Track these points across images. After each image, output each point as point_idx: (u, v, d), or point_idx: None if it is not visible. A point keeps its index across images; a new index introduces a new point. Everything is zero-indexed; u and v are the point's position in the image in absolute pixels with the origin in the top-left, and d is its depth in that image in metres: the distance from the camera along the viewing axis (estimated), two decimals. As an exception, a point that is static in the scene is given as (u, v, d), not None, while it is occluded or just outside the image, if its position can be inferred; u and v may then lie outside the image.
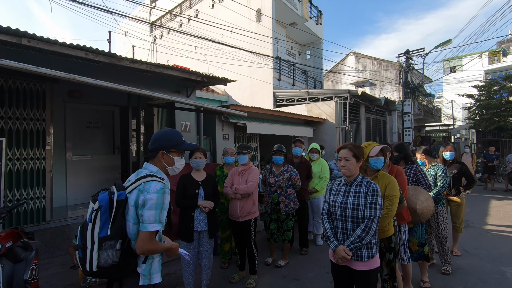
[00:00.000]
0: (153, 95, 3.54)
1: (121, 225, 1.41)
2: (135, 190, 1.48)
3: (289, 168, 3.78)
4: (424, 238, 3.10)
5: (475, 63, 19.04)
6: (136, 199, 1.46)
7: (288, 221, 3.74)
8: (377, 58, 19.77)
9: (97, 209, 1.40)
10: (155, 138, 1.64)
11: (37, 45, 3.57)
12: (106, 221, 1.39)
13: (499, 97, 13.56)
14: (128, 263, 1.44)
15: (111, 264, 1.37)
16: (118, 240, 1.39)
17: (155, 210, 1.43)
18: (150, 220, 1.41)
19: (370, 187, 1.99)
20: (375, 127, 11.69)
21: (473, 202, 7.75)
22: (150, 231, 1.41)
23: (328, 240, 2.08)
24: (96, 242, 1.36)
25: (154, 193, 1.44)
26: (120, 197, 1.44)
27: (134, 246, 1.46)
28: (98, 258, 1.36)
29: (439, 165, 3.57)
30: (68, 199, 5.70)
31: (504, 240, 4.70)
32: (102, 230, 1.38)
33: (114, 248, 1.38)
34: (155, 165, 1.61)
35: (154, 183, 1.48)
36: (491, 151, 10.39)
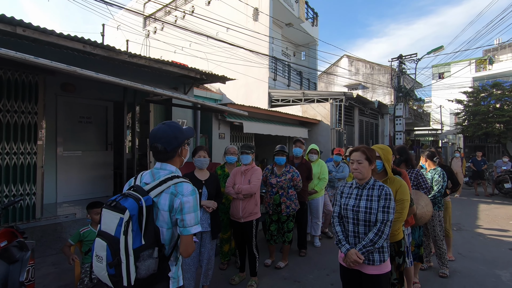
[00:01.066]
0: (155, 91, 3.44)
1: (154, 232, 1.34)
2: (164, 194, 1.41)
3: (291, 168, 3.75)
4: (421, 239, 3.15)
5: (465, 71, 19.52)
6: (170, 204, 1.39)
7: (289, 222, 3.71)
8: (369, 62, 20.03)
9: (128, 219, 1.27)
10: (174, 137, 1.49)
11: (32, 35, 3.41)
12: (137, 231, 1.29)
13: (487, 103, 13.94)
14: (164, 269, 1.39)
15: (151, 274, 1.31)
16: (154, 248, 1.32)
17: (194, 213, 1.40)
18: (192, 223, 1.38)
19: (383, 191, 1.97)
20: (367, 129, 11.83)
21: (463, 206, 7.93)
22: (192, 234, 1.39)
23: (339, 243, 2.05)
24: (131, 255, 1.26)
25: (189, 195, 1.40)
26: (148, 202, 1.34)
27: (167, 252, 1.41)
28: (136, 270, 1.26)
29: (438, 169, 3.61)
30: (58, 196, 5.51)
31: (496, 243, 4.81)
32: (135, 241, 1.28)
33: (153, 257, 1.31)
34: (173, 164, 1.53)
35: (185, 184, 1.43)
36: (478, 157, 10.66)
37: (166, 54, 14.52)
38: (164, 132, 1.48)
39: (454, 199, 8.96)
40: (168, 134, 1.48)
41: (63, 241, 3.97)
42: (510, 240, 4.98)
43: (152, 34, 16.41)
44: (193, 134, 1.67)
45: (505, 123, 12.96)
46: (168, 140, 1.48)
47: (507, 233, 5.38)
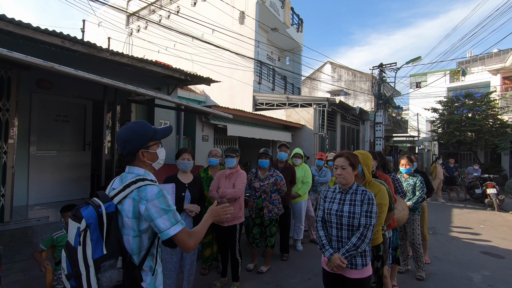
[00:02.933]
0: (137, 90, 3.34)
1: (117, 241, 1.24)
2: (127, 200, 1.31)
3: (274, 172, 3.74)
4: (397, 242, 3.23)
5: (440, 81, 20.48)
6: (134, 210, 1.30)
7: (272, 227, 3.70)
8: (352, 69, 20.57)
9: (85, 229, 1.19)
10: (125, 140, 1.39)
11: (6, 28, 3.22)
12: (98, 239, 1.20)
13: (460, 113, 14.66)
14: (133, 280, 1.27)
15: (115, 286, 1.22)
16: (117, 257, 1.23)
17: (166, 215, 1.30)
18: (167, 225, 1.29)
19: (366, 196, 2.00)
20: (349, 135, 12.09)
21: (437, 210, 8.26)
22: (174, 234, 1.29)
23: (322, 248, 2.06)
24: (91, 266, 1.17)
25: (154, 199, 1.30)
26: (109, 209, 1.25)
27: (137, 260, 1.31)
28: (97, 282, 1.17)
29: (418, 176, 3.73)
30: (30, 198, 5.21)
31: (468, 246, 5.03)
32: (95, 250, 1.19)
33: (116, 267, 1.22)
34: (140, 167, 1.43)
35: (149, 187, 1.32)
36: (450, 163, 11.16)
37: (150, 53, 14.23)
38: (119, 135, 1.41)
39: (429, 203, 9.32)
40: (121, 137, 1.40)
41: (34, 246, 3.75)
42: (481, 243, 5.23)
43: (136, 33, 16.05)
44: (166, 134, 1.52)
45: (476, 131, 13.68)
46: (121, 143, 1.40)
47: (478, 237, 5.64)
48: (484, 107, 14.06)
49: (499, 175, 13.79)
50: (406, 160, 3.74)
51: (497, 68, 16.78)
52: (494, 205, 8.38)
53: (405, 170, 3.74)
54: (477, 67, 22.16)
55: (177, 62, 12.53)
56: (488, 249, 4.90)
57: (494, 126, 13.90)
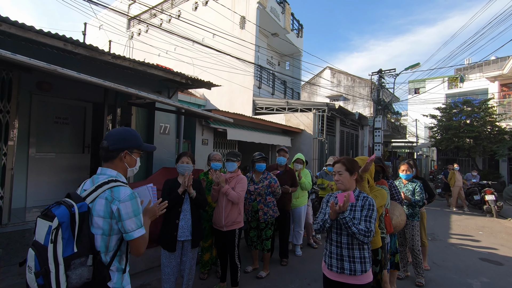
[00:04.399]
0: (139, 94, 3.35)
1: (88, 239, 1.29)
2: (99, 199, 1.36)
3: (268, 175, 3.78)
4: (395, 247, 3.23)
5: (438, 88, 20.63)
6: (106, 210, 1.34)
7: (267, 230, 3.71)
8: (351, 74, 20.70)
9: (57, 227, 1.22)
10: (121, 137, 1.49)
11: (8, 30, 3.23)
12: (69, 238, 1.24)
13: (458, 119, 14.73)
14: (102, 278, 1.32)
15: (84, 283, 1.25)
16: (88, 255, 1.27)
17: (135, 217, 1.37)
18: (133, 227, 1.36)
19: (367, 202, 2.01)
20: (348, 140, 12.13)
21: (436, 216, 8.26)
22: (137, 237, 1.37)
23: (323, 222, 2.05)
24: (61, 263, 1.20)
25: (127, 201, 1.36)
26: (82, 209, 1.29)
27: (105, 259, 1.35)
28: (67, 279, 1.21)
29: (417, 182, 3.74)
30: (28, 200, 5.18)
31: (467, 252, 5.03)
32: (66, 249, 1.22)
33: (86, 265, 1.26)
34: (113, 169, 1.48)
35: (122, 188, 1.39)
36: (449, 169, 11.18)
37: (150, 57, 14.29)
38: (116, 132, 1.52)
39: (428, 210, 9.33)
40: (118, 134, 1.51)
41: (32, 249, 3.72)
42: (480, 250, 5.23)
43: (136, 36, 16.13)
44: (151, 149, 1.69)
45: (474, 138, 13.73)
46: (114, 138, 1.48)
47: (477, 243, 5.64)
48: (482, 113, 14.14)
49: (497, 181, 13.83)
50: (406, 166, 3.75)
51: (495, 75, 16.92)
52: (492, 212, 8.39)
53: (405, 176, 3.75)
54: (475, 74, 22.37)
55: (178, 66, 12.58)
56: (487, 255, 4.90)
57: (492, 133, 13.96)
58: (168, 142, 5.95)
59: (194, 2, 13.72)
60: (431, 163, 23.43)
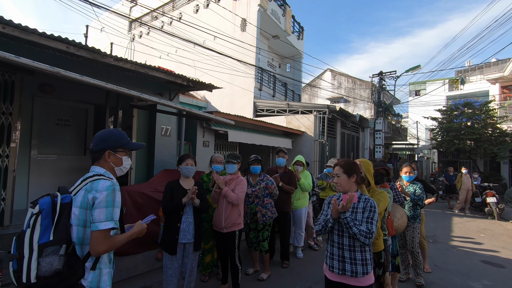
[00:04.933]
0: (141, 96, 3.37)
1: (65, 229, 1.29)
2: (81, 191, 1.39)
3: (265, 177, 3.80)
4: (396, 249, 3.23)
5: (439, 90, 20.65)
6: (83, 200, 1.37)
7: (264, 231, 3.72)
8: (351, 76, 20.72)
9: (37, 213, 1.26)
10: (100, 138, 1.55)
11: (12, 33, 3.26)
12: (48, 226, 1.26)
13: (459, 121, 14.72)
14: (73, 271, 1.29)
15: (54, 272, 1.22)
16: (62, 245, 1.26)
17: (106, 208, 1.35)
18: (101, 218, 1.33)
19: (368, 203, 2.01)
20: (349, 142, 12.12)
21: (437, 219, 8.23)
22: (102, 229, 1.32)
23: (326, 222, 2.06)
24: (35, 250, 1.21)
25: (103, 191, 1.37)
26: (65, 200, 1.33)
27: (80, 252, 1.35)
28: (37, 266, 1.20)
29: (418, 184, 3.75)
30: (29, 202, 5.19)
31: (468, 255, 5.02)
32: (43, 236, 1.24)
33: (58, 254, 1.24)
34: (101, 167, 1.53)
35: (102, 181, 1.41)
36: (450, 172, 11.18)
37: (151, 59, 14.34)
38: (98, 134, 1.57)
39: (430, 212, 9.32)
40: (99, 135, 1.57)
41: (33, 251, 3.73)
42: (481, 252, 5.21)
43: (137, 38, 16.20)
44: (137, 147, 1.70)
45: (475, 140, 13.71)
46: (96, 140, 1.55)
47: (479, 246, 5.63)
48: (483, 116, 14.13)
49: (499, 183, 13.81)
50: (409, 168, 3.78)
51: (496, 77, 16.92)
52: (494, 214, 8.37)
53: (408, 177, 3.76)
54: (475, 76, 22.37)
55: (179, 68, 12.62)
56: (488, 258, 4.88)
57: (493, 135, 13.95)
58: (169, 144, 5.97)
59: (195, 5, 13.80)
60: (432, 165, 23.38)
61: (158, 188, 4.21)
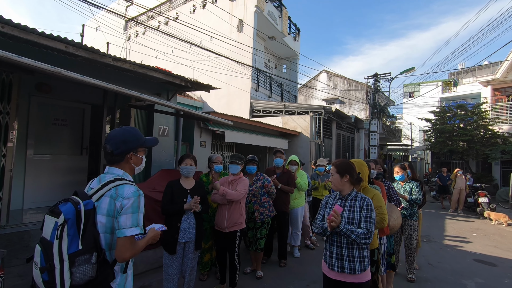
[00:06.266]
0: (141, 96, 3.39)
1: (93, 237, 1.28)
2: (105, 198, 1.37)
3: (261, 176, 3.85)
4: (392, 248, 3.32)
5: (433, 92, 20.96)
6: (109, 208, 1.35)
7: (262, 229, 3.77)
8: (347, 78, 20.91)
9: (63, 223, 1.22)
10: (121, 140, 1.47)
11: (11, 32, 3.26)
12: (74, 235, 1.24)
13: (452, 123, 14.96)
14: (105, 276, 1.32)
15: (88, 280, 1.25)
16: (92, 253, 1.26)
17: (132, 214, 1.35)
18: (127, 224, 1.33)
19: (365, 202, 2.06)
20: (344, 143, 12.25)
21: (431, 219, 8.37)
22: (129, 236, 1.33)
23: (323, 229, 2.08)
24: (66, 260, 1.20)
25: (130, 197, 1.36)
26: (88, 206, 1.30)
27: (110, 257, 1.36)
28: (71, 276, 1.21)
29: (414, 182, 3.85)
30: (25, 202, 5.16)
31: (462, 254, 5.13)
32: (71, 245, 1.22)
33: (90, 262, 1.25)
34: (120, 168, 1.49)
35: (127, 186, 1.39)
36: (443, 172, 11.36)
37: (147, 58, 14.29)
38: (115, 135, 1.48)
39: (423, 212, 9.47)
40: (117, 137, 1.47)
41: (31, 251, 3.71)
42: (474, 251, 5.33)
43: (134, 38, 16.12)
44: (154, 144, 1.63)
45: (468, 141, 13.95)
46: (116, 142, 1.46)
47: (471, 245, 5.75)
48: (475, 117, 14.38)
49: (490, 184, 14.05)
50: (398, 168, 3.89)
51: (488, 80, 17.23)
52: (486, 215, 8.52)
53: (399, 177, 3.86)
54: (468, 78, 22.74)
55: (175, 68, 12.61)
56: (481, 257, 5.00)
57: (485, 137, 14.20)
58: (167, 144, 5.98)
59: (192, 5, 13.80)
60: (426, 166, 23.69)
61: (156, 188, 4.22)
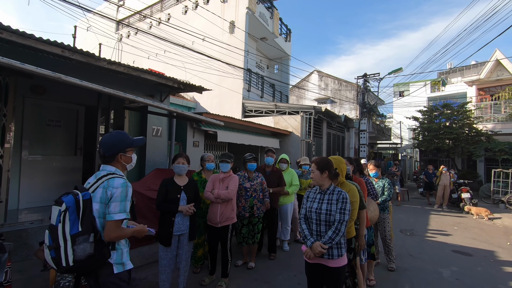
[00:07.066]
0: (136, 99, 3.56)
1: (90, 221, 1.57)
2: (99, 189, 1.67)
3: (259, 174, 4.14)
4: (371, 239, 3.57)
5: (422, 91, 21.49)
6: (102, 196, 1.65)
7: (259, 224, 4.02)
8: (338, 78, 21.26)
9: (65, 210, 1.52)
10: (110, 144, 1.78)
11: (9, 38, 3.39)
12: (75, 220, 1.53)
13: (438, 121, 15.42)
14: (102, 254, 1.61)
15: (87, 256, 1.54)
16: (90, 234, 1.56)
17: (120, 202, 1.64)
18: (115, 210, 1.62)
19: (341, 195, 2.30)
20: (335, 142, 12.54)
21: (416, 214, 8.71)
22: (116, 220, 1.62)
23: (305, 238, 2.33)
24: (69, 240, 1.50)
25: (118, 187, 1.66)
26: (85, 197, 1.59)
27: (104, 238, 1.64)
28: (73, 253, 1.50)
29: (386, 179, 4.15)
30: (20, 202, 5.26)
31: (441, 246, 5.44)
32: (72, 228, 1.51)
33: (88, 241, 1.54)
34: (113, 166, 1.79)
35: (117, 179, 1.69)
36: (429, 169, 11.76)
37: (139, 59, 14.35)
38: (105, 140, 1.80)
39: (410, 208, 9.83)
40: (107, 142, 1.79)
41: (29, 248, 3.86)
42: (453, 243, 5.64)
43: (125, 38, 16.13)
44: (140, 143, 1.92)
45: (453, 139, 14.42)
46: (106, 147, 1.78)
47: (451, 238, 6.07)
48: (461, 116, 14.85)
49: (475, 180, 14.54)
50: (373, 165, 4.18)
51: (473, 80, 17.78)
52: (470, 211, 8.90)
53: (373, 173, 4.16)
54: (456, 78, 23.38)
55: (167, 69, 12.72)
56: (459, 248, 5.31)
57: (469, 135, 14.68)
58: (160, 144, 6.14)
59: (183, 6, 13.90)
60: (415, 164, 24.26)
61: (151, 186, 4.39)
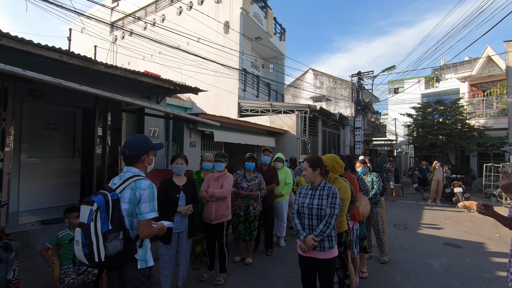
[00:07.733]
0: (134, 102, 3.66)
1: (119, 220, 1.70)
2: (126, 190, 1.79)
3: (258, 174, 4.20)
4: (364, 233, 3.72)
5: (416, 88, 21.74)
6: (131, 197, 1.78)
7: (255, 222, 4.14)
8: (333, 76, 21.45)
9: (96, 209, 1.64)
10: (137, 145, 1.90)
11: (8, 44, 3.48)
12: (105, 218, 1.65)
13: (432, 118, 15.66)
14: (130, 250, 1.74)
15: (118, 252, 1.67)
16: (119, 231, 1.69)
17: (149, 202, 1.77)
18: (147, 210, 1.76)
19: (331, 190, 2.43)
20: (330, 139, 12.71)
21: (411, 209, 8.91)
22: (148, 219, 1.76)
23: (298, 233, 2.47)
24: (100, 237, 1.62)
25: (146, 188, 1.78)
26: (114, 197, 1.71)
27: (132, 235, 1.77)
28: (105, 249, 1.63)
29: (374, 173, 4.32)
30: (20, 204, 5.33)
31: (433, 239, 5.61)
32: (103, 226, 1.63)
33: (118, 238, 1.68)
34: (136, 168, 1.91)
35: (143, 181, 1.81)
36: (423, 165, 11.98)
37: (134, 60, 14.39)
38: (132, 142, 1.92)
39: (404, 203, 10.03)
40: (134, 143, 1.92)
41: (32, 249, 3.96)
42: (445, 236, 5.82)
43: (120, 39, 16.14)
44: (161, 147, 2.04)
45: (447, 135, 14.66)
46: (133, 148, 1.90)
47: (443, 231, 6.25)
48: (454, 112, 15.09)
49: (468, 175, 14.79)
50: (359, 163, 4.37)
51: (465, 76, 18.05)
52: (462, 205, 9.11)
53: (361, 170, 4.33)
54: (450, 74, 23.68)
55: (163, 70, 12.79)
56: (449, 240, 5.49)
57: (462, 130, 14.92)
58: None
59: (178, 7, 13.95)
60: (410, 160, 24.54)
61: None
